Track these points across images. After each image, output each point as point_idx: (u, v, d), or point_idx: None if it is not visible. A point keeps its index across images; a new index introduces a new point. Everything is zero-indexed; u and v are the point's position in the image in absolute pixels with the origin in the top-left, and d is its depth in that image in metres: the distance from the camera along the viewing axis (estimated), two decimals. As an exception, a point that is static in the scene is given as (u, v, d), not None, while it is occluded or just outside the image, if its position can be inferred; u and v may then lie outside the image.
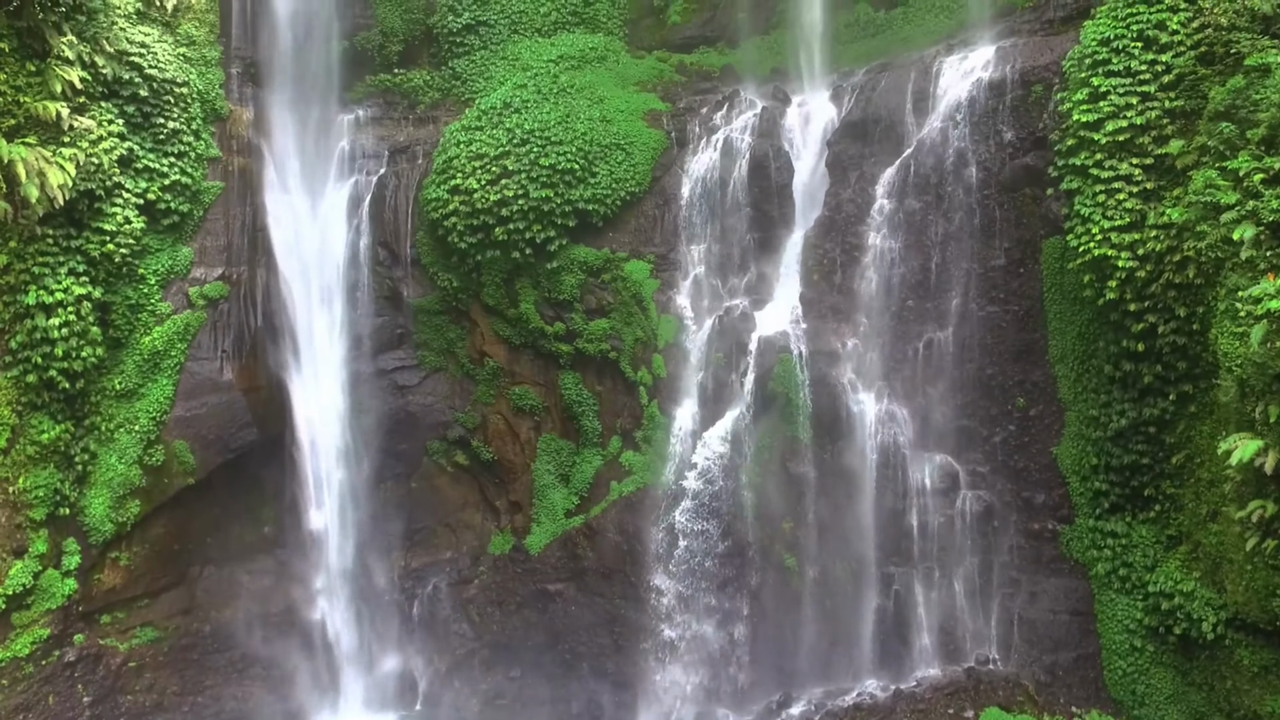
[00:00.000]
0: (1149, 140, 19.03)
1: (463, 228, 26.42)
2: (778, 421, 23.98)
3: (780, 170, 25.31)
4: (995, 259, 22.77)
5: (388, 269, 28.52)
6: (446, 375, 29.10)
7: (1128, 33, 19.56)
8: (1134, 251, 18.90)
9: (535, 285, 26.93)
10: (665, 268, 26.21)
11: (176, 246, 25.50)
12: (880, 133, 24.49)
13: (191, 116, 25.51)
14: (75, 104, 22.51)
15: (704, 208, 26.11)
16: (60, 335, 21.92)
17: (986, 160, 22.96)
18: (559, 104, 27.07)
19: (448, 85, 31.46)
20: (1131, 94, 19.22)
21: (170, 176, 24.78)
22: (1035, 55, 22.98)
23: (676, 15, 32.42)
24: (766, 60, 30.21)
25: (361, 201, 28.79)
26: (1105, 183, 19.31)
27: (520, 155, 25.89)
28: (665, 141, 26.98)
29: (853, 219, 24.33)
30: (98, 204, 22.91)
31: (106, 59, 23.13)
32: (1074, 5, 23.77)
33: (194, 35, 26.19)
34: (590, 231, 26.65)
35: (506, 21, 31.83)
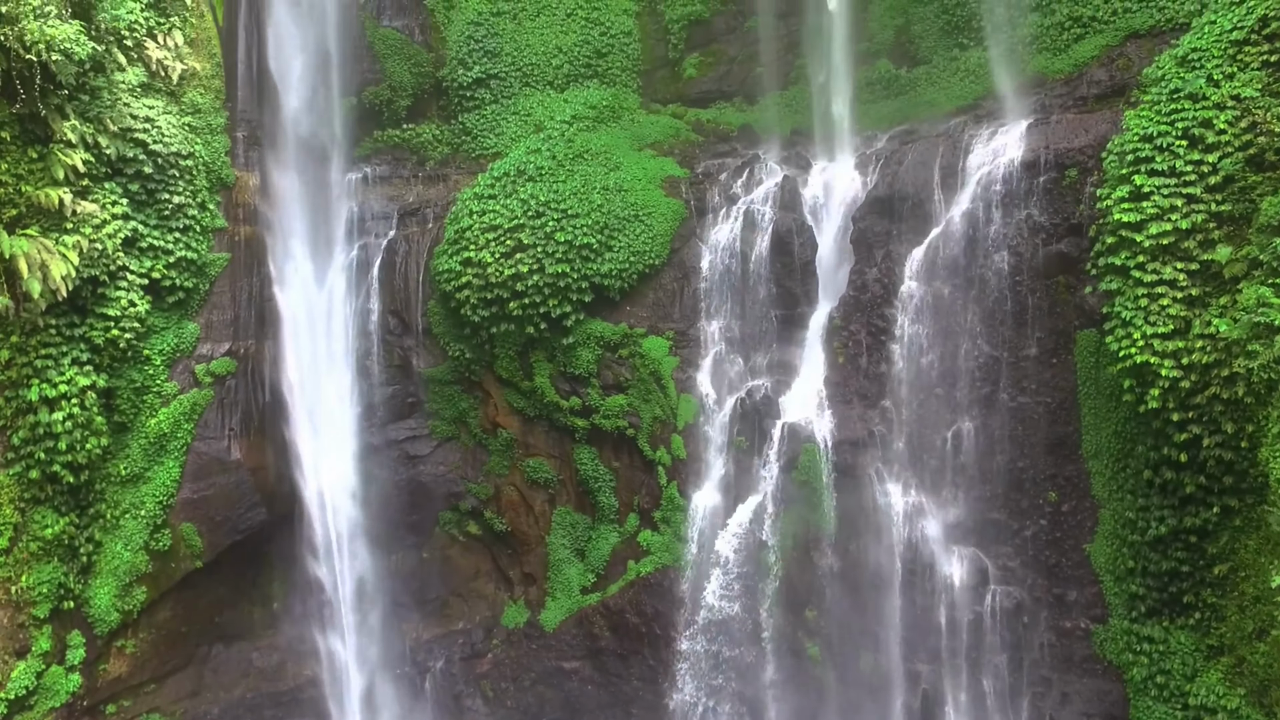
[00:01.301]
0: (1194, 245, 18.32)
1: (476, 301, 25.73)
2: (802, 510, 23.33)
3: (804, 246, 24.58)
4: (1027, 348, 22.08)
5: (398, 338, 27.83)
6: (458, 444, 28.42)
7: (1172, 130, 18.82)
8: (1178, 360, 18.21)
9: (550, 359, 26.25)
10: (684, 344, 25.51)
11: (182, 323, 24.81)
12: (907, 210, 23.77)
13: (197, 189, 24.80)
14: (78, 188, 21.81)
15: (724, 282, 25.42)
16: (64, 429, 21.27)
17: (1018, 245, 22.25)
18: (574, 172, 26.33)
19: (457, 140, 30.74)
20: (1176, 195, 18.49)
21: (176, 253, 24.08)
22: (1069, 136, 22.25)
23: (692, 69, 31.64)
24: (786, 119, 29.44)
25: (370, 267, 28.10)
26: (1148, 286, 18.60)
27: (535, 229, 25.18)
28: (684, 211, 26.25)
29: (879, 300, 23.64)
30: (101, 289, 22.23)
31: (110, 138, 22.41)
32: (1109, 83, 23.05)
33: (199, 102, 25.44)
34: (607, 305, 25.95)
35: (518, 74, 31.07)
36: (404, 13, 31.12)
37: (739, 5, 31.41)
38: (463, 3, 31.59)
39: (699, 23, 31.56)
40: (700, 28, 31.64)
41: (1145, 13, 23.31)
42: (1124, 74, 22.74)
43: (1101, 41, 23.90)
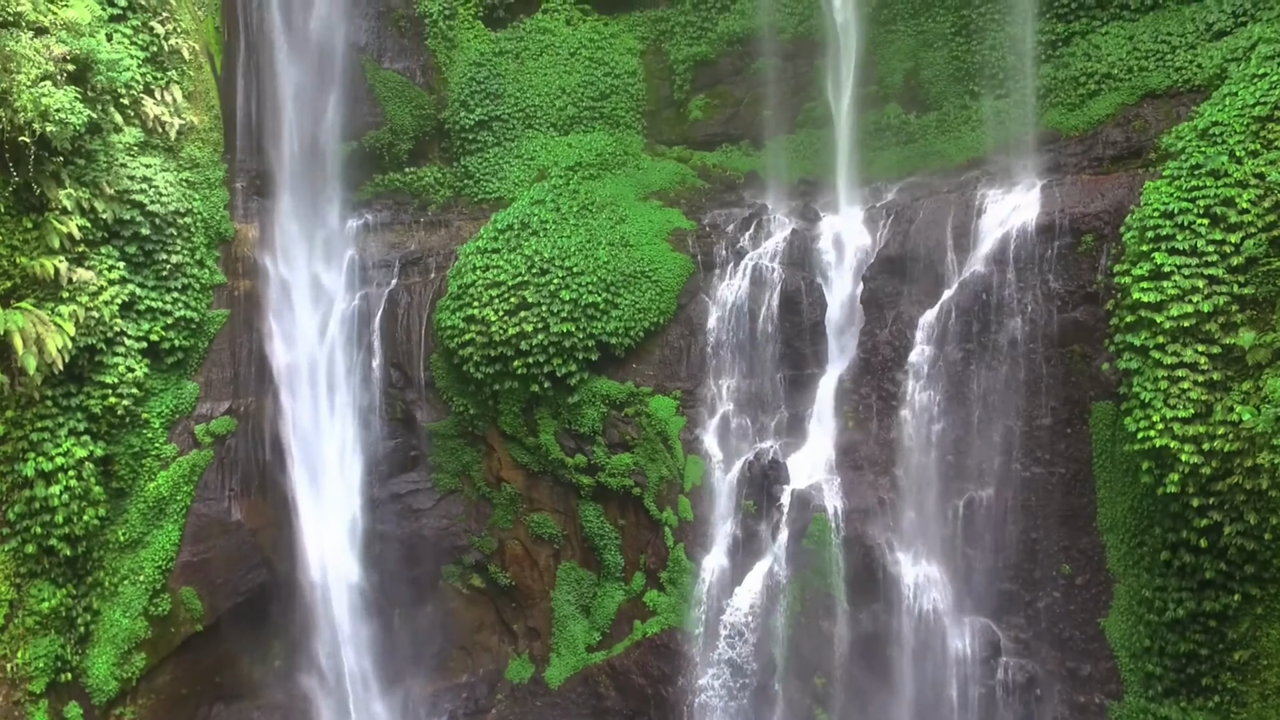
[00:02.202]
0: (1216, 327, 17.90)
1: (479, 358, 25.31)
2: (811, 577, 22.94)
3: (813, 306, 24.17)
4: (1041, 417, 21.68)
5: (400, 390, 27.41)
6: (461, 497, 28.03)
7: (1193, 207, 18.39)
8: (1198, 446, 17.81)
9: (555, 415, 25.84)
10: (692, 404, 25.11)
11: (181, 383, 24.38)
12: (919, 271, 23.35)
13: (195, 246, 24.35)
14: (74, 254, 21.36)
15: (732, 340, 25.00)
16: (60, 502, 20.85)
17: (1033, 311, 21.84)
18: (579, 225, 25.89)
19: (459, 184, 30.29)
20: (1198, 276, 18.08)
21: (174, 314, 23.64)
22: (1085, 200, 21.82)
23: (697, 111, 31.15)
24: (793, 165, 29.00)
25: (372, 317, 27.67)
26: (1168, 369, 18.19)
27: (540, 286, 24.75)
28: (691, 266, 25.82)
29: (890, 363, 23.24)
30: (98, 357, 21.80)
31: (107, 202, 21.96)
32: (1125, 144, 22.62)
33: (197, 157, 24.95)
34: (613, 362, 25.54)
35: (520, 116, 30.61)
36: (405, 54, 30.64)
37: (746, 46, 30.91)
38: (464, 43, 31.13)
39: (705, 64, 31.07)
40: (706, 69, 31.15)
41: (1161, 72, 22.86)
42: (1140, 136, 22.31)
43: (1117, 99, 23.47)
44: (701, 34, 31.36)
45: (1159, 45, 23.16)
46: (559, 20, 32.34)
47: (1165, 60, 22.93)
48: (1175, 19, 23.40)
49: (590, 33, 32.05)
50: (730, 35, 30.93)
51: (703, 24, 31.44)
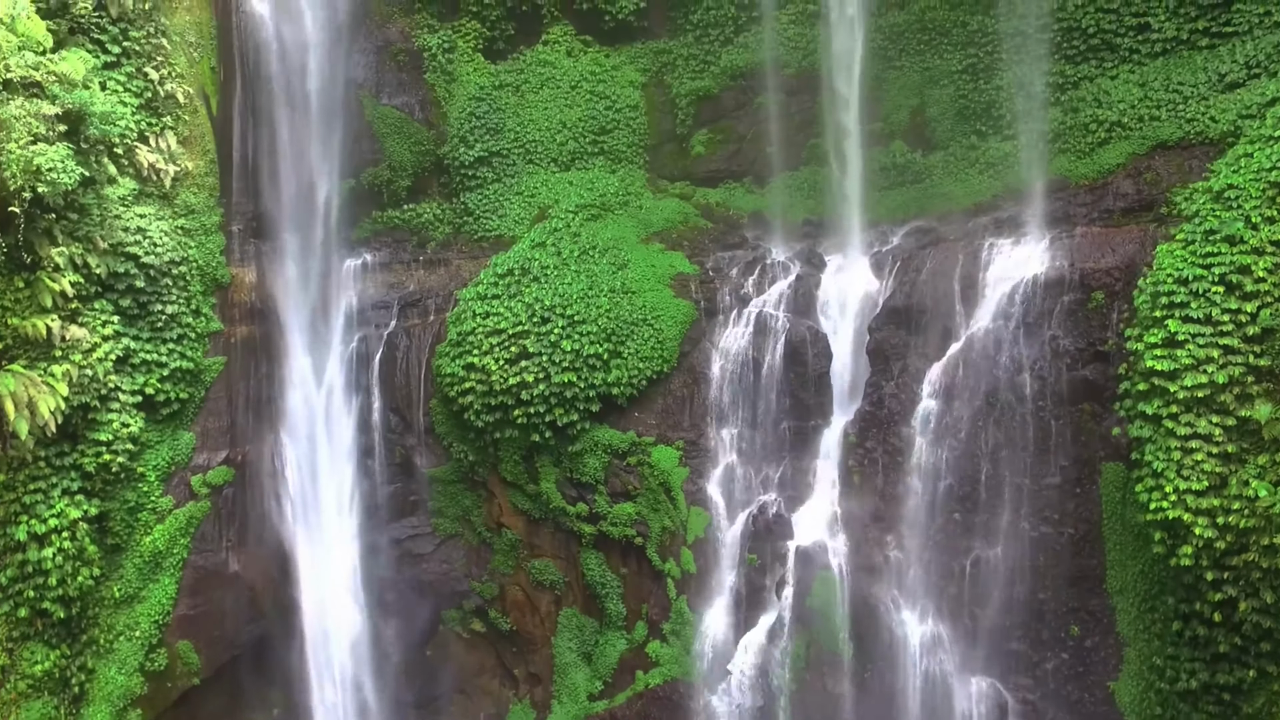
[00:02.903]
0: (1231, 399, 17.56)
1: (479, 406, 24.95)
2: (816, 634, 22.64)
3: (818, 357, 23.82)
4: (1050, 476, 21.35)
5: (399, 436, 27.06)
6: (462, 542, 27.69)
7: (1208, 275, 18.03)
8: (1212, 519, 17.49)
9: (556, 463, 25.49)
10: (695, 454, 24.76)
11: (177, 434, 24.05)
12: (926, 323, 23.00)
13: (191, 294, 24.00)
14: (66, 311, 21.02)
15: (736, 390, 24.65)
16: (54, 564, 20.53)
17: (1042, 368, 21.48)
18: (580, 271, 25.51)
19: (459, 220, 29.89)
20: (1213, 346, 17.72)
21: (170, 365, 23.29)
22: (1095, 254, 21.45)
23: (700, 147, 30.74)
24: (798, 204, 28.61)
25: (370, 360, 27.29)
26: (1181, 439, 17.85)
27: (541, 336, 24.38)
28: (694, 313, 25.45)
29: (896, 417, 22.89)
30: (92, 414, 21.46)
31: (100, 256, 21.61)
32: (1136, 197, 22.25)
33: (192, 203, 24.57)
34: (614, 410, 25.18)
35: (520, 151, 30.20)
36: (404, 89, 30.20)
37: (749, 81, 30.50)
38: (464, 77, 30.72)
39: (708, 99, 30.65)
40: (709, 104, 30.74)
41: (1173, 123, 22.48)
42: (1152, 189, 21.93)
43: (1127, 149, 23.09)
44: (704, 68, 30.96)
45: (1170, 95, 22.79)
46: (560, 52, 31.93)
47: (1177, 110, 22.56)
48: (1187, 67, 23.04)
49: (591, 65, 31.63)
50: (733, 69, 30.53)
51: (705, 57, 31.03)
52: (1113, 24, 25.11)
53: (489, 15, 31.16)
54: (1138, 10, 24.78)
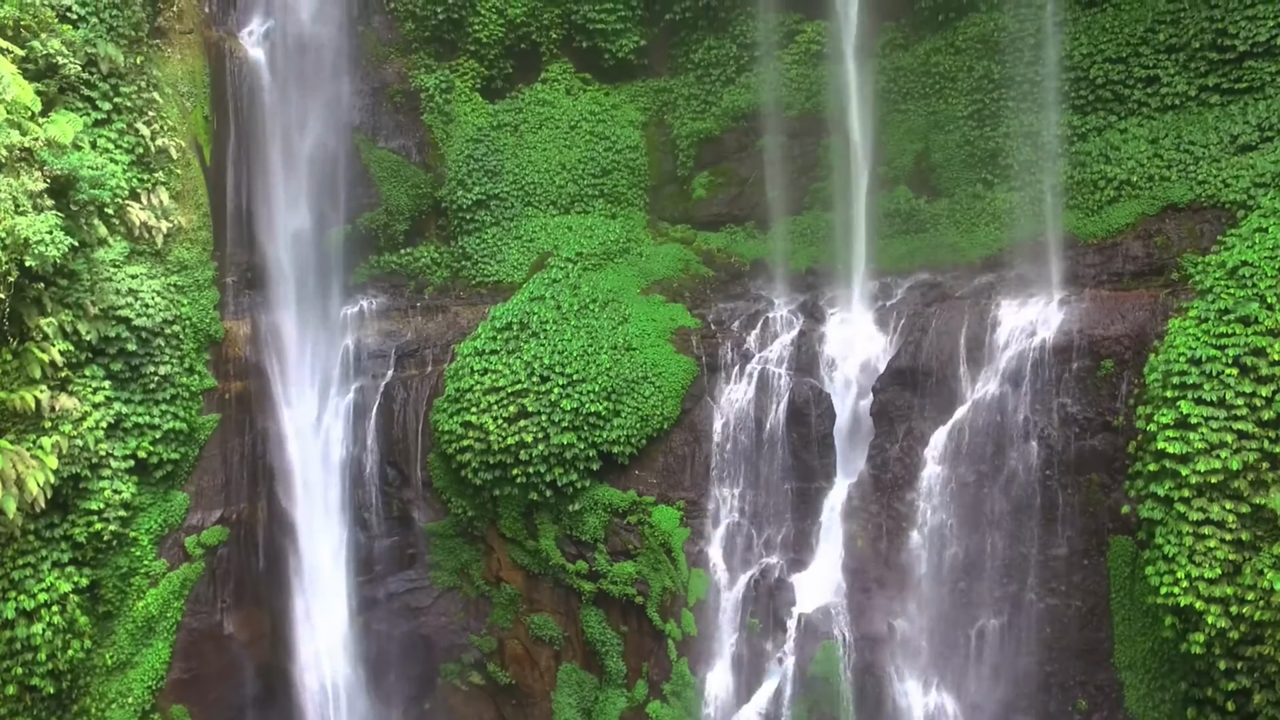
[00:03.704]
0: (1245, 485, 17.15)
1: (477, 464, 24.55)
2: (819, 702, 22.26)
3: (821, 418, 23.42)
4: (1057, 547, 20.97)
5: (397, 489, 26.70)
6: (460, 595, 27.34)
7: (1222, 356, 17.62)
8: (1226, 608, 17.11)
9: (555, 520, 25.13)
10: (696, 514, 24.39)
11: (170, 494, 23.66)
12: (931, 385, 22.60)
13: (184, 353, 23.60)
14: (56, 381, 20.64)
15: (738, 448, 24.27)
16: (44, 639, 20.16)
17: (1050, 436, 21.09)
18: (580, 327, 25.09)
19: (457, 265, 29.48)
20: (1226, 430, 17.32)
21: (163, 427, 22.90)
22: (1104, 320, 21.02)
23: (701, 189, 30.31)
24: (801, 251, 28.17)
25: (368, 412, 26.92)
26: (1193, 524, 17.46)
27: (540, 394, 23.98)
28: (695, 369, 25.04)
29: (901, 481, 22.51)
30: (83, 484, 21.06)
31: (91, 323, 21.22)
32: (1146, 260, 21.82)
33: (185, 258, 24.17)
34: (614, 468, 24.80)
35: (519, 194, 29.77)
36: (401, 131, 29.75)
37: (751, 122, 30.05)
38: (462, 117, 30.28)
39: (709, 140, 30.22)
40: (710, 145, 30.30)
41: (1184, 184, 22.03)
42: (1163, 254, 21.51)
43: (1137, 209, 22.66)
44: (705, 108, 30.50)
45: (1181, 154, 22.34)
46: (559, 90, 31.47)
47: (1188, 172, 22.11)
48: (1198, 125, 22.58)
49: (591, 104, 31.18)
50: (735, 110, 30.07)
51: (706, 97, 30.58)
52: (1121, 75, 24.66)
53: (487, 54, 30.71)
54: (1147, 62, 24.33)
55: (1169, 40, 24.17)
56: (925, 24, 28.88)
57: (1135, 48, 24.65)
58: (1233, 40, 22.71)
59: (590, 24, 30.77)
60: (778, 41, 30.25)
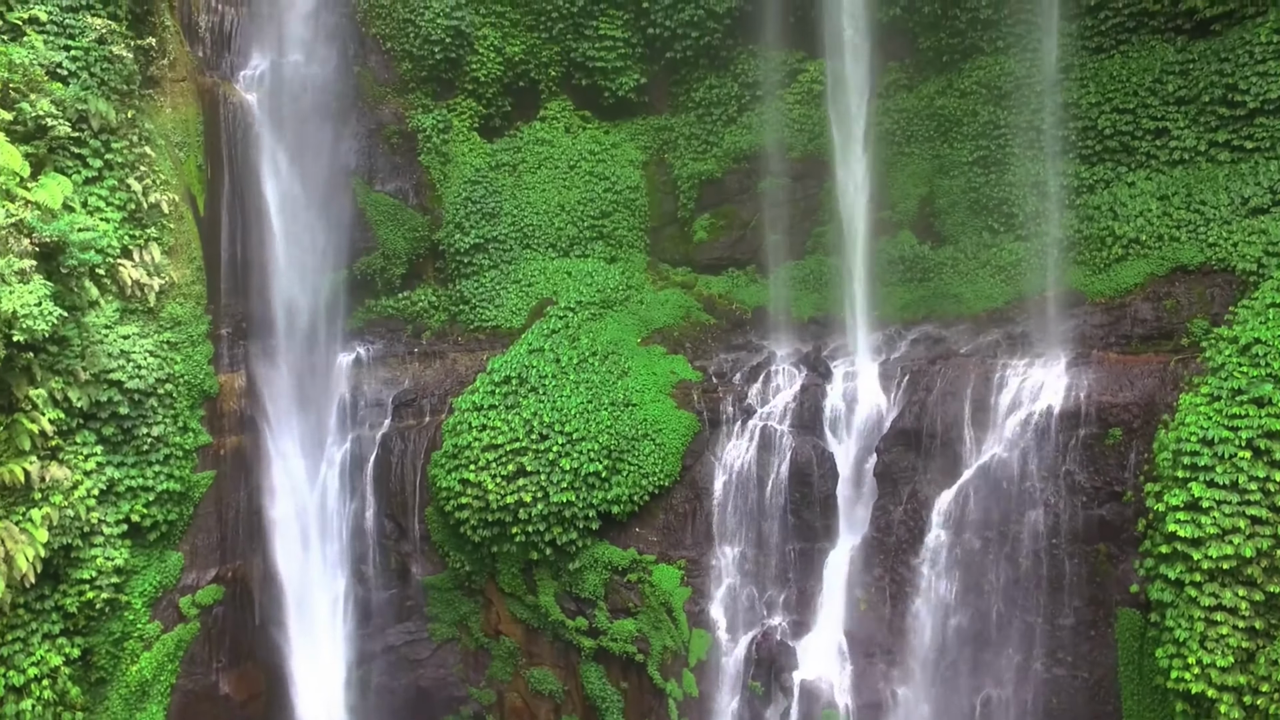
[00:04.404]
0: (1259, 572, 16.82)
1: (475, 521, 24.23)
2: (821, 769, 22.10)
3: (824, 478, 23.08)
4: (1064, 617, 20.65)
5: (395, 543, 26.37)
6: (459, 646, 27.03)
7: (1234, 438, 17.25)
8: (1239, 697, 16.81)
9: (555, 577, 24.80)
10: (697, 573, 24.07)
11: (165, 555, 23.30)
12: (936, 448, 22.24)
13: (178, 412, 23.21)
14: (46, 450, 20.27)
15: (739, 507, 23.93)
16: (34, 715, 19.83)
17: (1056, 504, 20.75)
18: (579, 383, 24.72)
19: (455, 309, 29.10)
20: (1239, 515, 16.98)
21: (156, 488, 22.52)
22: (1113, 387, 20.66)
23: (703, 232, 29.93)
24: (803, 299, 27.80)
25: (365, 463, 26.57)
26: (1205, 610, 17.14)
27: (539, 453, 23.61)
28: (696, 424, 24.69)
29: (904, 545, 22.19)
30: (75, 553, 20.72)
31: (82, 388, 20.84)
32: (1155, 324, 21.45)
33: (178, 314, 23.74)
34: (614, 526, 24.47)
35: (518, 236, 29.39)
36: (398, 174, 29.35)
37: (753, 164, 29.68)
38: (460, 157, 29.88)
39: (710, 182, 29.85)
40: (711, 187, 29.93)
41: (1194, 246, 21.66)
42: (1172, 318, 21.15)
43: (1145, 268, 22.29)
44: (707, 148, 30.12)
45: (1191, 215, 21.95)
46: (558, 128, 31.08)
47: (1198, 233, 21.73)
48: (1208, 184, 22.17)
49: (591, 143, 30.78)
50: (736, 152, 29.69)
51: (707, 137, 30.18)
52: (1129, 125, 24.26)
53: (485, 92, 30.31)
54: (1155, 114, 23.94)
55: (1178, 92, 23.79)
56: (929, 64, 28.54)
57: (1144, 98, 24.28)
58: (1243, 96, 22.32)
59: (590, 62, 30.41)
60: (780, 81, 29.88)
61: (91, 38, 22.35)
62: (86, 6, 22.80)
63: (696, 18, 29.35)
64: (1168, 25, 24.65)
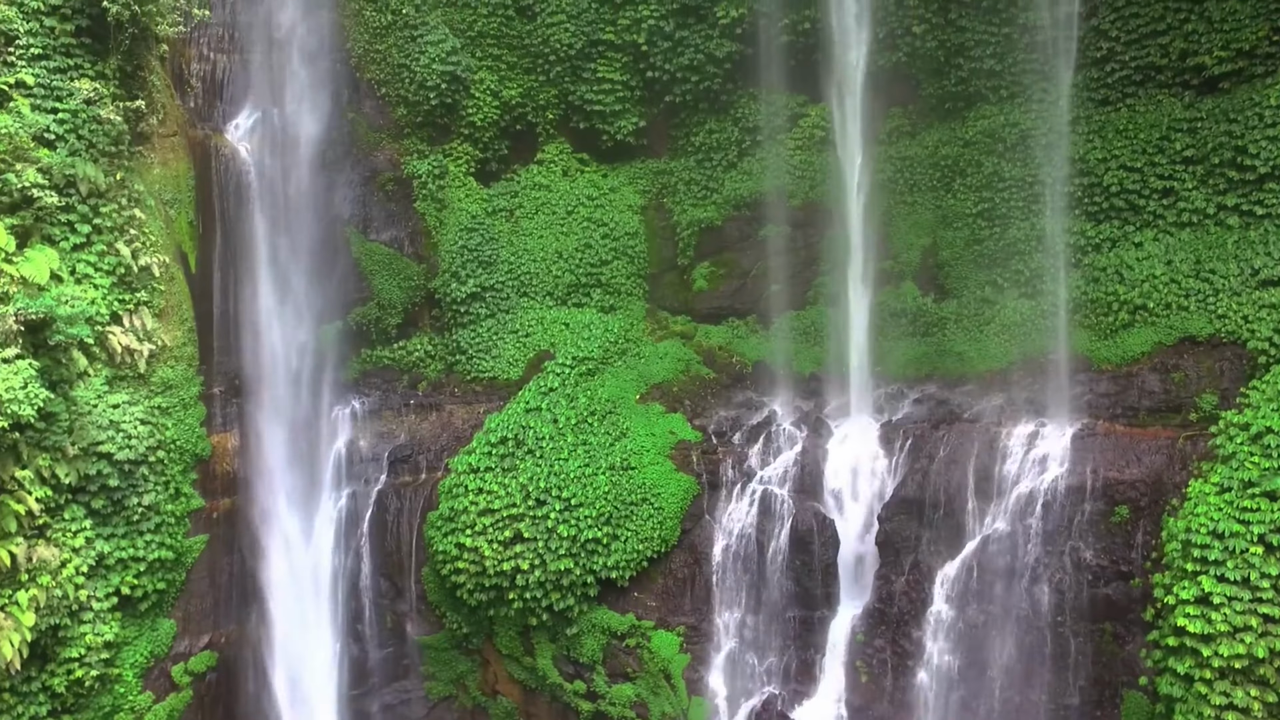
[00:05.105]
0: (1272, 672, 16.46)
1: (472, 586, 23.86)
2: (822, 845, 21.82)
3: (825, 546, 22.74)
4: (1069, 696, 20.32)
5: (391, 602, 26.02)
6: (456, 704, 26.64)
7: (1246, 532, 16.89)
8: (1249, 799, 16.53)
9: (553, 640, 24.46)
10: (696, 639, 23.75)
11: (157, 623, 22.92)
12: (939, 519, 21.89)
13: (170, 478, 22.81)
14: (33, 529, 19.93)
15: (739, 572, 23.58)
16: (23, 801, 19.65)
17: (1061, 581, 20.41)
18: (577, 445, 24.32)
19: (451, 358, 28.71)
20: (1251, 613, 16.62)
21: (147, 558, 22.12)
22: (1119, 463, 20.27)
23: (702, 280, 29.51)
24: (804, 352, 27.39)
25: (360, 520, 26.20)
26: (1216, 709, 16.77)
27: (536, 520, 23.26)
28: (696, 487, 24.33)
29: (906, 616, 21.85)
30: (63, 632, 20.41)
31: (70, 464, 20.47)
32: (1163, 396, 21.07)
33: (170, 377, 23.33)
34: (613, 590, 24.11)
35: (515, 285, 28.99)
36: (393, 222, 28.92)
37: (753, 211, 29.23)
38: (456, 203, 29.45)
39: (710, 229, 29.41)
40: (711, 234, 29.49)
41: (1203, 316, 21.25)
42: (1180, 392, 20.76)
43: (1152, 337, 21.89)
44: (707, 194, 29.68)
45: (1200, 283, 21.55)
46: (555, 172, 30.66)
47: (1207, 303, 21.32)
48: (1217, 252, 21.75)
49: (588, 187, 30.36)
50: (736, 199, 29.26)
51: (707, 183, 29.75)
52: (1137, 184, 23.84)
53: (482, 136, 29.88)
54: (1163, 172, 23.52)
55: (1186, 151, 23.36)
56: (932, 111, 28.09)
57: (1151, 156, 23.85)
58: (1253, 160, 21.90)
59: (588, 105, 29.96)
60: (781, 125, 29.43)
61: (79, 99, 21.94)
62: (75, 68, 22.40)
63: (696, 62, 28.93)
64: (1175, 80, 24.25)
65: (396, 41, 28.56)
